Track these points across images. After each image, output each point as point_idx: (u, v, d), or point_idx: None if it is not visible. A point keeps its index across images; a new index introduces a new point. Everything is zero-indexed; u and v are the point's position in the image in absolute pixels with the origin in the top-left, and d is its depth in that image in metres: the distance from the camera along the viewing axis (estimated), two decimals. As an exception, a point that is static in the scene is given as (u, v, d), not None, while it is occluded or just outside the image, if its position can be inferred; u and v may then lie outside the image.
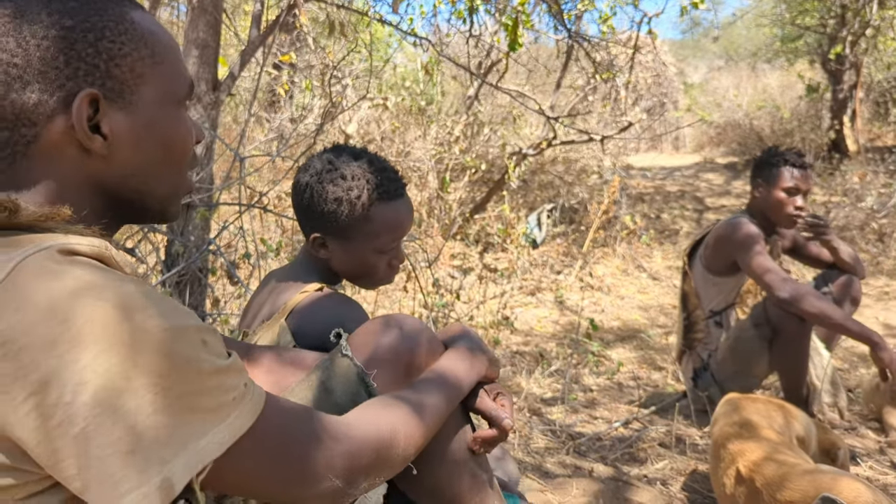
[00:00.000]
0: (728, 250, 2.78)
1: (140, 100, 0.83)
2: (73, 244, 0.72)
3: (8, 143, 0.78)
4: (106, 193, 0.84)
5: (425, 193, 5.78)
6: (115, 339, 0.65)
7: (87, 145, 0.79)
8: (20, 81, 0.76)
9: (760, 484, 1.64)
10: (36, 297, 0.65)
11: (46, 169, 0.80)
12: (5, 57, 0.76)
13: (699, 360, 2.93)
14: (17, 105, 0.76)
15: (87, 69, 0.78)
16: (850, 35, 8.23)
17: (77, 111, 0.77)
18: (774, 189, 2.73)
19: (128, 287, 0.69)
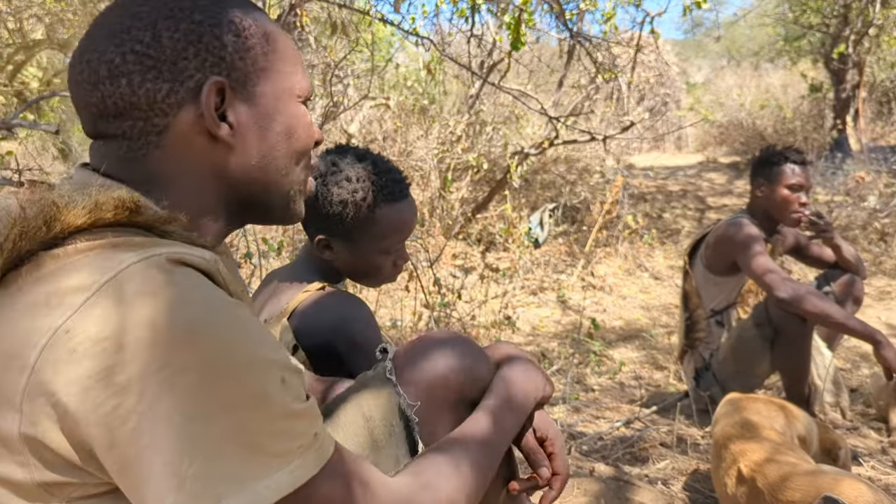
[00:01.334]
0: (728, 250, 2.77)
1: (262, 92, 0.85)
2: (183, 254, 0.71)
3: (142, 133, 0.81)
4: (231, 184, 0.86)
5: (427, 193, 5.78)
6: (202, 357, 0.64)
7: (214, 132, 0.82)
8: (154, 71, 0.79)
9: (762, 484, 1.64)
10: (135, 302, 0.65)
11: (177, 158, 0.82)
12: (140, 48, 0.79)
13: (701, 359, 2.92)
14: (150, 95, 0.79)
15: (213, 60, 0.81)
16: (853, 34, 8.22)
17: (206, 99, 0.80)
18: (778, 187, 2.73)
19: (225, 308, 0.69)
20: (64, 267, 0.68)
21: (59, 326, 0.64)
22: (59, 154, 8.22)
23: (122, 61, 0.79)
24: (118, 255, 0.69)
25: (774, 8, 10.45)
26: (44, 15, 6.66)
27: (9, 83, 7.47)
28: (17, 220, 0.69)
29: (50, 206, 0.70)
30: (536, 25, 4.87)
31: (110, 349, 0.63)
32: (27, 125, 2.40)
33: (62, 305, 0.65)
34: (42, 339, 0.64)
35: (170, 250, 0.70)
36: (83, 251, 0.69)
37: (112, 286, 0.65)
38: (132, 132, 0.81)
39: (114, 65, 0.79)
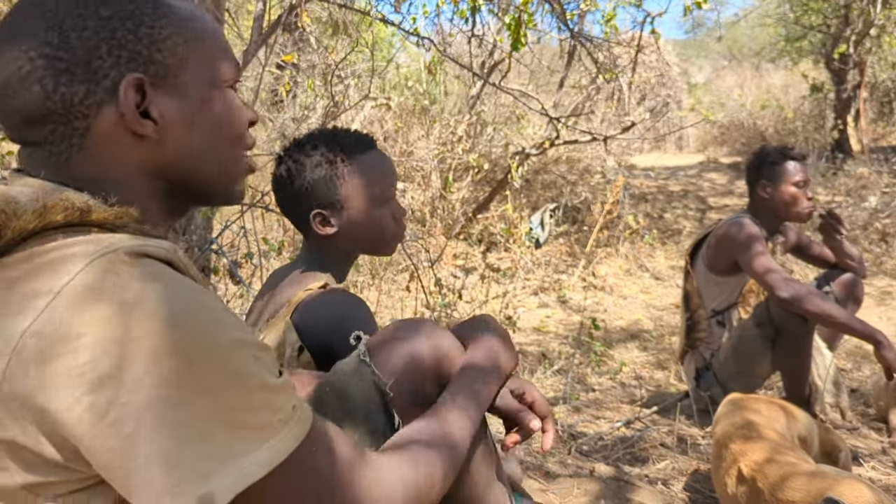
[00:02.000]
0: (730, 250, 2.78)
1: (186, 83, 0.83)
2: (142, 246, 0.71)
3: (63, 138, 0.79)
4: (164, 178, 0.85)
5: (428, 193, 5.78)
6: (175, 345, 0.65)
7: (138, 131, 0.80)
8: (67, 74, 0.77)
9: (762, 484, 1.64)
10: (101, 298, 0.65)
11: (103, 160, 0.80)
12: (49, 51, 0.76)
13: (701, 359, 2.93)
14: (66, 98, 0.77)
15: (129, 56, 0.79)
16: (854, 34, 8.21)
17: (124, 97, 0.78)
18: (783, 185, 2.74)
19: (192, 294, 0.70)
20: (22, 273, 0.68)
21: (25, 330, 0.64)
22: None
23: (31, 67, 0.76)
24: (75, 255, 0.68)
25: (776, 8, 10.45)
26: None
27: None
28: None
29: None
30: (537, 26, 4.88)
31: (81, 347, 0.63)
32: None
33: (25, 310, 0.65)
34: (8, 345, 0.64)
35: (127, 244, 0.70)
36: (39, 254, 0.69)
37: (74, 286, 0.65)
38: (54, 137, 0.79)
39: (24, 71, 0.77)
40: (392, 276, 4.65)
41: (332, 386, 1.07)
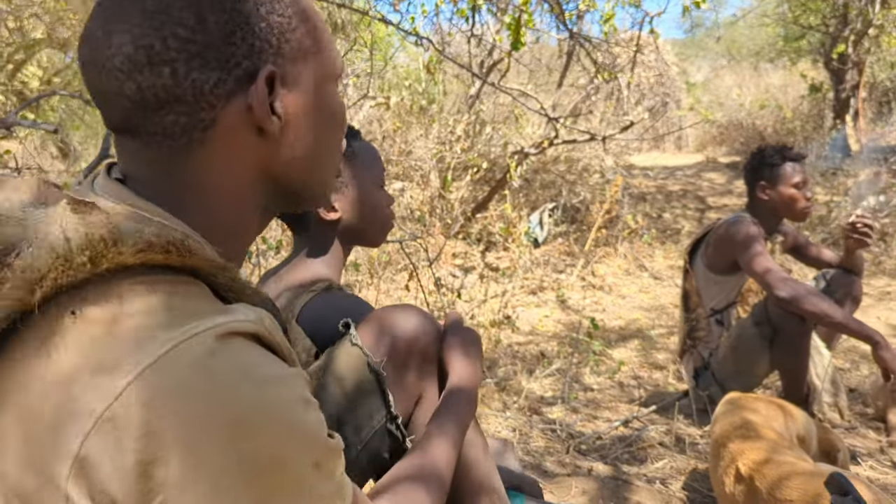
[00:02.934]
0: (729, 249, 2.78)
1: (306, 78, 0.78)
2: (231, 324, 0.64)
3: (185, 130, 0.72)
4: (272, 180, 0.79)
5: (427, 192, 5.78)
6: (242, 457, 0.61)
7: (265, 127, 0.74)
8: (200, 59, 0.70)
9: (760, 483, 1.64)
10: (178, 393, 0.60)
11: (222, 157, 0.74)
12: (184, 33, 0.69)
13: (700, 359, 2.93)
14: (197, 85, 0.70)
15: (261, 46, 0.73)
16: (853, 34, 8.22)
17: (259, 90, 0.72)
18: (782, 187, 2.75)
19: (271, 396, 0.64)
20: (102, 333, 0.62)
21: (100, 414, 0.59)
22: (59, 153, 8.22)
23: (163, 47, 0.69)
24: (159, 329, 0.62)
25: (774, 8, 10.46)
26: (44, 14, 6.65)
27: (9, 82, 7.46)
28: (59, 255, 0.63)
29: (98, 242, 0.64)
30: (536, 26, 4.87)
31: (153, 445, 0.58)
32: (26, 124, 2.40)
33: (101, 388, 0.59)
34: (84, 425, 0.59)
35: (215, 321, 0.64)
36: (122, 317, 0.63)
37: (155, 372, 0.60)
38: (174, 128, 0.72)
39: (154, 51, 0.69)
40: (391, 276, 4.65)
41: (328, 371, 1.15)
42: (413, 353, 1.17)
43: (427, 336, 1.18)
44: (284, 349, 0.71)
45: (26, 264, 0.62)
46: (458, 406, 1.12)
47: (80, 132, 8.75)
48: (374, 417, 1.12)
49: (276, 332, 0.71)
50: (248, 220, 0.80)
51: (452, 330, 1.22)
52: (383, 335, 1.16)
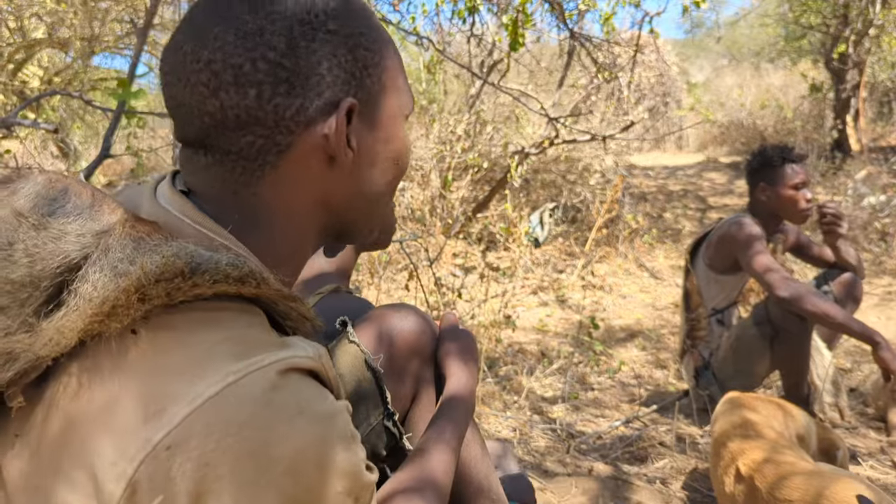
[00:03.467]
0: (730, 249, 2.79)
1: (380, 114, 0.78)
2: (293, 359, 0.65)
3: (261, 152, 0.72)
4: (334, 213, 0.79)
5: (428, 192, 5.78)
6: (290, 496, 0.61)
7: (340, 158, 0.74)
8: (287, 85, 0.70)
9: (760, 483, 1.64)
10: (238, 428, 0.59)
11: (291, 183, 0.74)
12: (274, 56, 0.70)
13: (700, 358, 2.93)
14: (279, 110, 0.70)
15: (345, 78, 0.73)
16: (854, 34, 8.21)
17: (339, 120, 0.72)
18: (782, 188, 2.75)
19: (329, 426, 0.64)
20: (170, 362, 0.62)
21: (158, 442, 0.58)
22: (60, 153, 8.22)
23: (252, 68, 0.69)
24: (222, 359, 0.62)
25: (775, 8, 10.45)
26: (45, 14, 6.65)
27: (9, 82, 7.46)
28: (132, 287, 0.61)
29: (175, 276, 0.63)
30: (537, 25, 4.87)
31: (208, 476, 0.58)
32: (26, 124, 2.40)
33: (163, 415, 0.59)
34: (141, 452, 0.58)
35: (279, 355, 0.64)
36: (187, 345, 0.63)
37: (216, 404, 0.59)
38: (250, 150, 0.72)
39: (242, 71, 0.69)
40: (391, 276, 4.65)
41: None
42: (410, 352, 1.17)
43: (424, 336, 1.18)
44: (335, 383, 0.72)
45: (93, 293, 0.62)
46: (456, 412, 1.12)
47: (80, 132, 8.75)
48: (371, 415, 1.13)
49: (330, 368, 0.71)
50: (304, 248, 0.81)
51: (448, 332, 1.22)
52: (381, 334, 1.17)
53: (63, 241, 0.64)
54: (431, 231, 5.40)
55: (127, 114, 2.57)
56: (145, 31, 2.68)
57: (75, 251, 0.64)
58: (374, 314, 1.21)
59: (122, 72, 7.87)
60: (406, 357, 1.17)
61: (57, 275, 0.63)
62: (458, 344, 1.20)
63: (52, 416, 0.63)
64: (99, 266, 0.63)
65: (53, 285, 0.63)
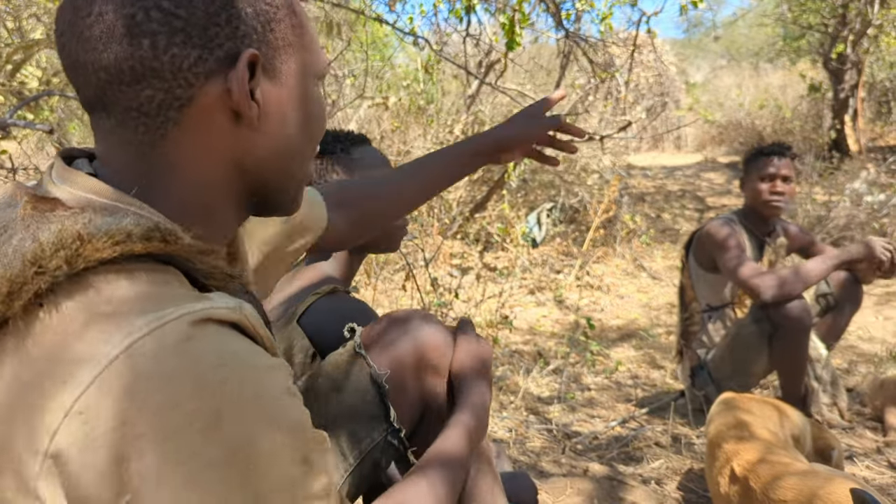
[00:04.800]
0: (709, 249, 2.82)
1: (287, 70, 0.76)
2: (208, 310, 0.62)
3: (161, 107, 0.70)
4: (247, 173, 0.77)
5: (425, 192, 5.78)
6: (221, 451, 0.58)
7: (243, 112, 0.72)
8: (182, 34, 0.68)
9: (755, 484, 1.64)
10: (150, 383, 0.57)
11: (196, 139, 0.72)
12: (168, 5, 0.68)
13: (696, 358, 2.92)
14: (176, 61, 0.68)
15: (245, 30, 0.71)
16: (852, 34, 8.21)
17: (240, 72, 0.70)
18: (753, 180, 2.79)
19: (249, 385, 0.60)
20: (76, 328, 0.60)
21: (69, 408, 0.56)
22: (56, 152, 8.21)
23: (145, 18, 0.67)
24: (133, 315, 0.60)
25: (774, 8, 10.45)
26: (43, 14, 6.65)
27: (7, 82, 7.46)
28: (30, 261, 0.60)
29: (73, 241, 0.61)
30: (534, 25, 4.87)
31: (127, 437, 0.56)
32: (21, 124, 2.39)
33: (71, 381, 0.57)
34: (54, 421, 0.56)
35: (192, 307, 0.61)
36: (94, 307, 0.61)
37: (124, 361, 0.57)
38: (150, 105, 0.70)
39: (135, 21, 0.67)
40: (388, 276, 4.65)
41: (326, 377, 1.09)
42: (422, 364, 1.11)
43: (439, 348, 1.12)
44: (266, 341, 0.69)
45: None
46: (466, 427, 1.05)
47: (79, 132, 8.74)
48: (375, 430, 1.07)
49: (258, 323, 0.68)
50: (222, 210, 0.78)
51: (464, 343, 1.15)
52: (392, 343, 1.11)
53: None
54: (429, 231, 5.39)
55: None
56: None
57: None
58: (386, 320, 1.15)
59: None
60: (418, 369, 1.11)
61: None
62: (472, 357, 1.14)
63: None
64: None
65: None
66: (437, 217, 5.64)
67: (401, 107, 6.43)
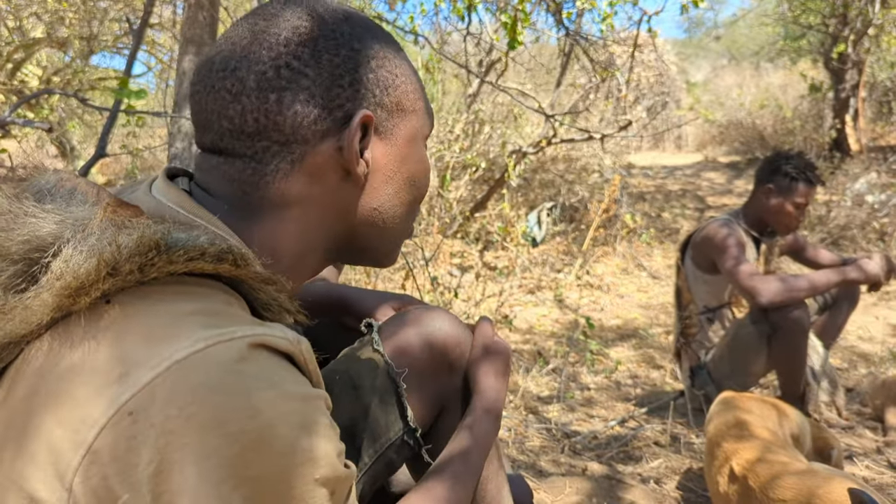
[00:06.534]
0: (709, 251, 2.82)
1: (398, 133, 0.81)
2: (266, 336, 0.63)
3: (274, 158, 0.74)
4: (347, 225, 0.81)
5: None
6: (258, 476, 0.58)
7: (352, 170, 0.76)
8: (307, 93, 0.73)
9: (754, 483, 1.64)
10: (202, 397, 0.57)
11: (303, 191, 0.76)
12: (297, 64, 0.73)
13: (696, 358, 2.92)
14: (298, 118, 0.73)
15: (365, 93, 0.76)
16: (853, 34, 8.20)
17: (353, 132, 0.75)
18: (785, 201, 2.76)
19: (293, 417, 0.61)
20: (143, 325, 0.61)
21: (120, 407, 0.56)
22: (58, 152, 8.22)
23: (275, 75, 0.72)
24: (195, 328, 0.60)
25: (774, 8, 10.44)
26: (43, 13, 6.65)
27: (8, 81, 7.46)
28: (105, 261, 0.61)
29: (149, 250, 0.63)
30: (536, 25, 4.87)
31: (171, 445, 0.56)
32: (19, 122, 2.39)
33: (127, 379, 0.57)
34: (102, 416, 0.57)
35: (254, 330, 0.62)
36: (158, 314, 0.62)
37: (182, 369, 0.58)
38: (264, 155, 0.74)
39: (265, 77, 0.72)
40: (388, 275, 4.65)
41: (342, 374, 1.07)
42: (441, 362, 1.09)
43: (459, 347, 1.10)
44: (314, 377, 0.70)
45: (65, 269, 0.61)
46: (481, 428, 1.05)
47: (79, 131, 8.75)
48: (390, 429, 1.05)
49: (311, 359, 0.69)
50: (310, 256, 0.81)
51: (482, 343, 1.14)
52: (410, 340, 1.08)
53: (41, 220, 0.64)
54: (429, 230, 5.40)
55: (126, 112, 2.57)
56: (141, 31, 2.68)
57: (47, 230, 0.64)
58: (405, 317, 1.12)
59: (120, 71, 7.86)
60: (436, 368, 1.09)
61: (26, 250, 0.63)
62: (490, 356, 1.12)
63: (17, 387, 0.62)
64: (74, 245, 0.62)
65: (23, 260, 0.63)
66: (437, 216, 5.64)
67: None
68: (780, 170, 2.79)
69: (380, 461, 1.06)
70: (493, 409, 1.08)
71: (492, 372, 1.11)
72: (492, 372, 1.11)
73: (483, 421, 1.06)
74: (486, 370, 1.11)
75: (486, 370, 1.11)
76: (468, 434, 1.04)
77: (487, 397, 1.09)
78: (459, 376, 1.12)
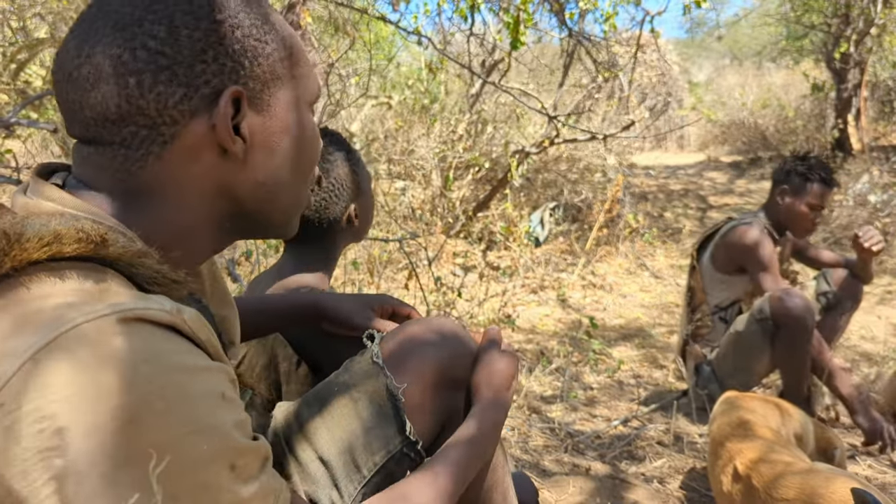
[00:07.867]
0: (737, 256, 2.81)
1: (276, 102, 0.77)
2: (139, 309, 0.62)
3: (142, 143, 0.71)
4: (234, 202, 0.78)
5: (429, 191, 5.78)
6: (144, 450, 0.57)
7: (228, 147, 0.73)
8: (168, 73, 0.69)
9: (757, 482, 1.64)
10: (74, 377, 0.56)
11: (178, 172, 0.73)
12: (154, 44, 0.69)
13: (702, 356, 2.93)
14: (161, 99, 0.70)
15: (232, 66, 0.73)
16: (855, 34, 8.19)
17: (223, 109, 0.72)
18: (800, 202, 2.76)
19: (176, 386, 0.60)
20: (3, 322, 0.60)
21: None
22: (62, 152, 8.23)
23: (131, 58, 0.69)
24: (59, 309, 0.59)
25: (777, 7, 10.44)
26: (47, 14, 6.66)
27: (12, 82, 7.47)
28: None
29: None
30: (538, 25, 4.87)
31: (47, 430, 0.55)
32: (24, 123, 2.40)
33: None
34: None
35: (125, 305, 0.61)
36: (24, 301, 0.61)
37: (50, 352, 0.57)
38: (133, 140, 0.71)
39: (121, 61, 0.69)
40: (391, 275, 4.65)
41: (341, 386, 1.05)
42: (443, 376, 1.06)
43: (462, 359, 1.08)
44: (210, 347, 0.69)
45: None
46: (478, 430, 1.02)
47: (82, 131, 8.76)
48: (390, 442, 1.03)
49: (200, 328, 0.67)
50: (200, 235, 0.78)
51: (486, 354, 1.11)
52: (412, 352, 1.06)
53: None
54: (432, 230, 5.40)
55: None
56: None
57: None
58: (408, 329, 1.10)
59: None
60: (439, 382, 1.06)
61: None
62: (492, 369, 1.09)
63: None
64: None
65: None
66: (440, 216, 5.65)
67: (404, 106, 6.44)
68: (794, 170, 2.80)
69: (380, 473, 1.04)
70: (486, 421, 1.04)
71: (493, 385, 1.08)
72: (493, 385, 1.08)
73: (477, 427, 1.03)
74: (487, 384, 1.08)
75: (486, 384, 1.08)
76: (460, 433, 1.02)
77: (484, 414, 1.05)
78: (463, 389, 1.10)
